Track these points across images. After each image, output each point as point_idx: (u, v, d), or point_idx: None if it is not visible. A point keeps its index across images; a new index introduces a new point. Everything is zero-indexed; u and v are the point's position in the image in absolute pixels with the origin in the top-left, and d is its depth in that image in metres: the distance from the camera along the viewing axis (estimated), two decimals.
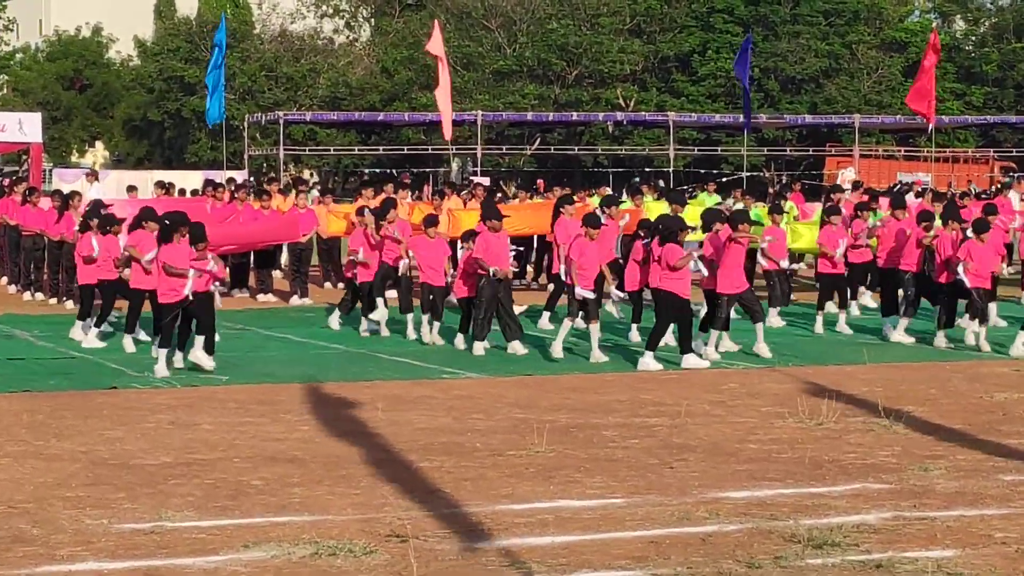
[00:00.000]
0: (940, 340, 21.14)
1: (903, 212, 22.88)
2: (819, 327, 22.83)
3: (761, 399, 16.15)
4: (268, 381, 17.50)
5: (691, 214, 24.06)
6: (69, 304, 25.56)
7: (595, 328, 19.60)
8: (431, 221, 21.78)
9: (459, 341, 20.83)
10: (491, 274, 20.14)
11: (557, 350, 19.58)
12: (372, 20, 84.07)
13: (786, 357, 19.68)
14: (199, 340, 18.20)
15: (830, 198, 27.89)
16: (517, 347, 20.22)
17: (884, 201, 27.74)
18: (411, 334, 21.75)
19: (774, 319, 23.25)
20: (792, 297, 25.29)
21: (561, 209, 23.13)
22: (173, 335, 18.23)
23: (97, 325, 21.04)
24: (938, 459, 12.65)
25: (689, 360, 18.84)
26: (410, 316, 22.00)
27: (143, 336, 20.54)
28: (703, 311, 20.20)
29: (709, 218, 20.52)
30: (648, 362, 18.77)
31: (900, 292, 22.11)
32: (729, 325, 20.13)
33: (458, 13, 75.20)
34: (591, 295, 19.63)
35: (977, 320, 20.90)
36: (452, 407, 15.57)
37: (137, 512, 10.61)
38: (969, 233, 21.09)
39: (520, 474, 12.02)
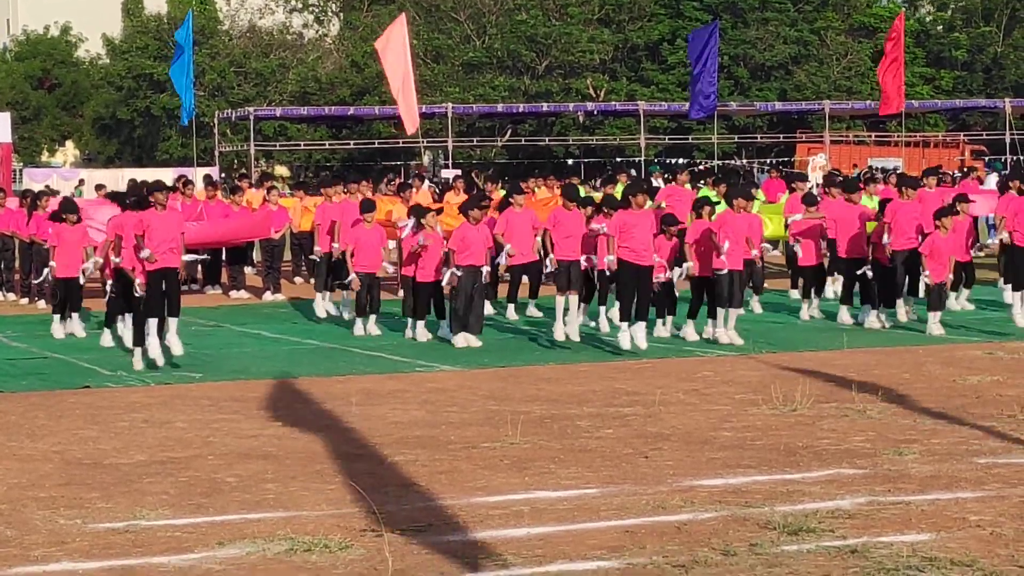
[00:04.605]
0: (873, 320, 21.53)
1: (857, 197, 22.77)
2: (805, 314, 22.93)
3: (735, 387, 16.17)
4: (241, 378, 17.46)
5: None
6: (41, 304, 25.47)
7: (561, 300, 19.91)
8: (419, 212, 21.49)
9: (420, 333, 20.71)
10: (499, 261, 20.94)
11: (559, 333, 19.98)
12: (341, 15, 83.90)
13: (759, 344, 19.71)
14: (172, 323, 18.11)
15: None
16: (464, 340, 20.06)
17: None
18: (421, 336, 20.93)
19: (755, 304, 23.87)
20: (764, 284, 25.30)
21: (511, 199, 22.72)
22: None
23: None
24: (912, 443, 12.68)
25: (623, 336, 18.87)
26: (420, 323, 21.12)
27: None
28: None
29: (699, 204, 20.82)
30: (625, 337, 18.82)
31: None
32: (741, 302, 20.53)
33: (427, 6, 75.13)
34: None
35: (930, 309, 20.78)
36: (426, 400, 15.56)
37: (111, 511, 10.57)
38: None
39: (495, 466, 12.01)
